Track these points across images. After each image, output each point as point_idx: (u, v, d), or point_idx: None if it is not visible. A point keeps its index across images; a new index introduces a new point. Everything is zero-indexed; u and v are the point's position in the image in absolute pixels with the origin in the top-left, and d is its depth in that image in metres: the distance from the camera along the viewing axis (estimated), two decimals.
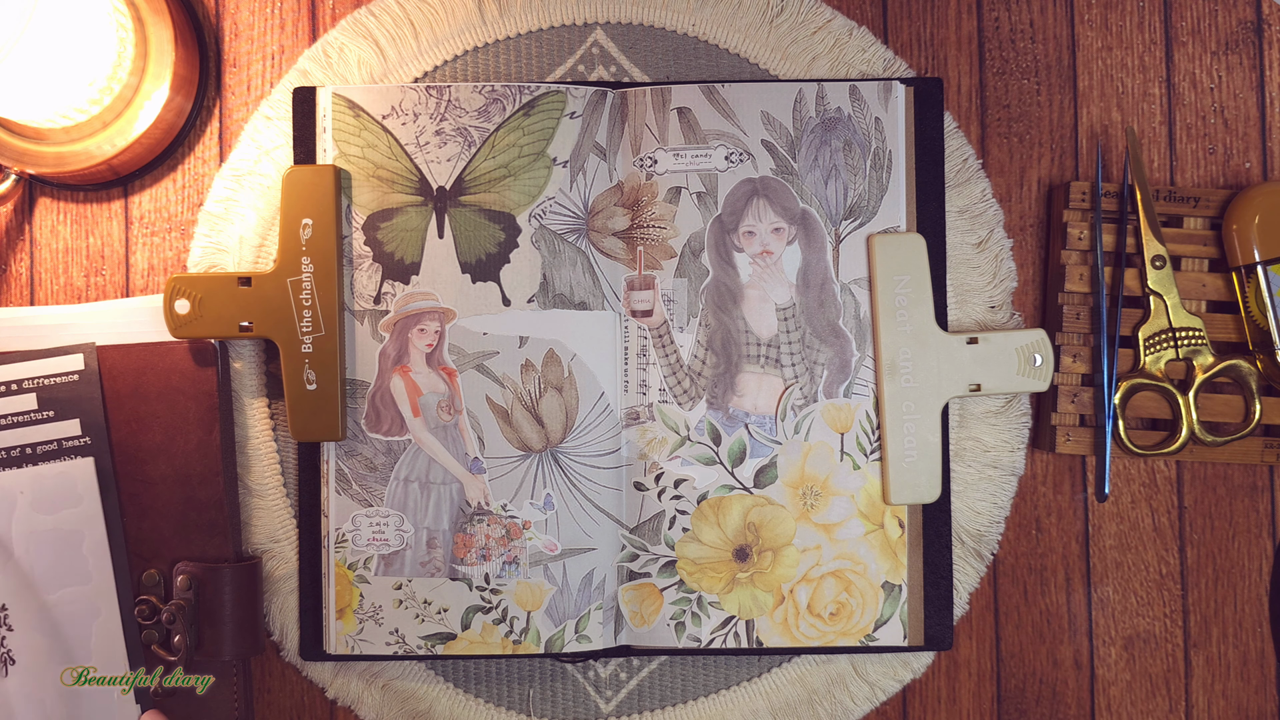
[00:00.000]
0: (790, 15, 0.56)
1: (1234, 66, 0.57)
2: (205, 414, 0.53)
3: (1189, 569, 0.56)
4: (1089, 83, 0.57)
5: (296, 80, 0.55)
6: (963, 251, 0.55)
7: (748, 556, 0.54)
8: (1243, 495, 0.56)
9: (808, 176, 0.54)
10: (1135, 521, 0.56)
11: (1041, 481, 0.56)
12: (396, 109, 0.54)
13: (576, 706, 0.55)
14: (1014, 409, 0.55)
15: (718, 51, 0.56)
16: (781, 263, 0.54)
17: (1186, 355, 0.54)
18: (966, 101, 0.56)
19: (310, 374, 0.52)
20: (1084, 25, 0.57)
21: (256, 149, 0.55)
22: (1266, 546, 0.56)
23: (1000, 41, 0.57)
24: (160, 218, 0.56)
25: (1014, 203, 0.56)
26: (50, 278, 0.56)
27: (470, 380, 0.53)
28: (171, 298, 0.52)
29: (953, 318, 0.55)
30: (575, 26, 0.56)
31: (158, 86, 0.53)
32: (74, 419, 0.52)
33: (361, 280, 0.53)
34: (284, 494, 0.55)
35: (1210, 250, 0.54)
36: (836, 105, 0.54)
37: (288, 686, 0.55)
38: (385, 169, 0.54)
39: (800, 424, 0.54)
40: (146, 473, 0.52)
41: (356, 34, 0.55)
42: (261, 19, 0.56)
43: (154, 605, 0.52)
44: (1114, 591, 0.56)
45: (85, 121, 0.53)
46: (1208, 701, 0.56)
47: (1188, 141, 0.57)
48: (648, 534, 0.54)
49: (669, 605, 0.53)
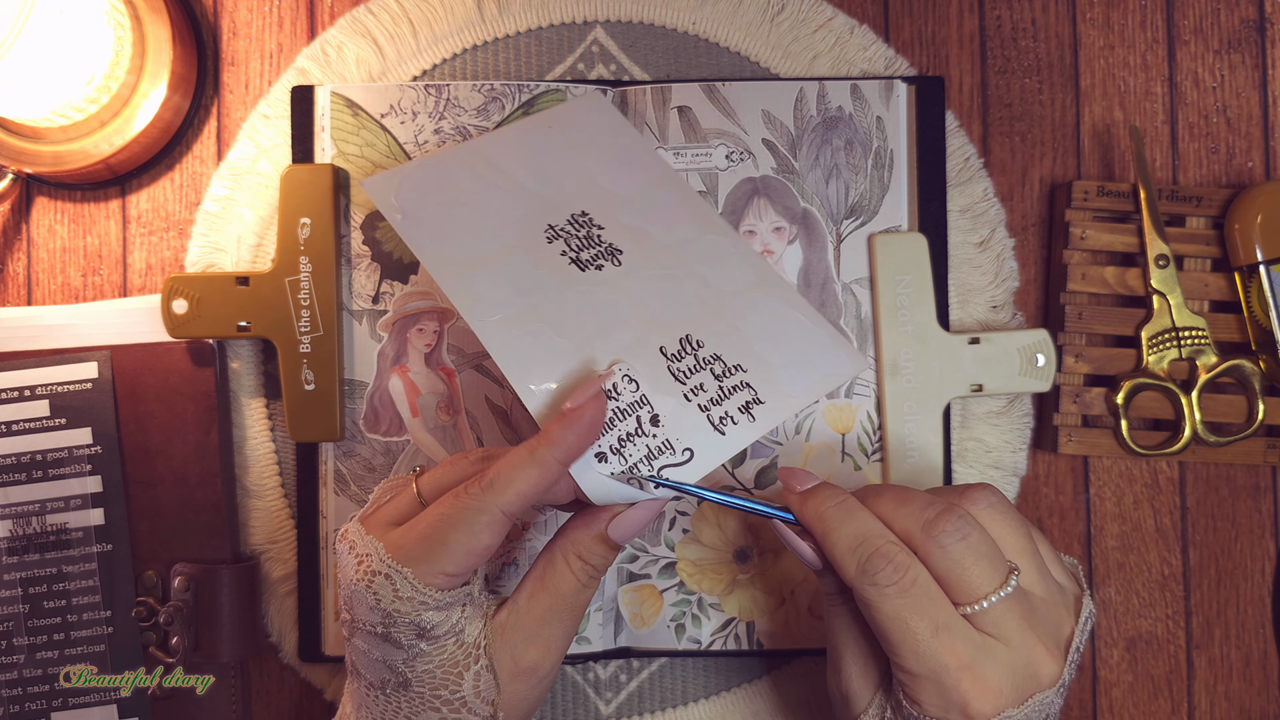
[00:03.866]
0: (791, 13, 0.55)
1: (1236, 65, 0.56)
2: (203, 414, 0.52)
3: (1191, 570, 0.56)
4: (1091, 81, 0.56)
5: (295, 79, 0.55)
6: (965, 251, 0.55)
7: (748, 558, 0.53)
8: (1246, 496, 0.56)
9: (809, 176, 0.54)
10: (1138, 522, 0.56)
11: (1044, 482, 0.56)
12: (395, 107, 0.53)
13: (576, 708, 0.54)
14: (1016, 409, 0.55)
15: (718, 50, 0.56)
16: (782, 262, 0.53)
17: (1190, 355, 0.53)
18: (968, 100, 0.56)
19: (308, 374, 0.52)
20: (1086, 24, 0.57)
21: (254, 148, 0.55)
22: (1269, 548, 0.56)
23: (1002, 40, 0.56)
24: (158, 217, 0.56)
25: (1016, 202, 0.56)
26: (48, 277, 0.56)
27: (469, 380, 0.53)
28: (169, 298, 0.52)
29: (954, 317, 0.55)
30: (575, 25, 0.56)
31: (155, 85, 0.53)
32: (86, 427, 0.52)
33: (360, 280, 0.53)
34: (282, 495, 0.55)
35: (1213, 250, 0.54)
36: (838, 104, 0.54)
37: (286, 688, 0.55)
38: (384, 168, 0.53)
39: (801, 424, 0.53)
40: (144, 474, 0.52)
41: (355, 32, 0.55)
42: (260, 17, 0.56)
43: (152, 607, 0.51)
44: (1116, 593, 0.56)
45: (82, 120, 0.52)
46: (1210, 703, 0.55)
47: (1190, 141, 0.56)
48: (647, 535, 0.53)
49: (669, 607, 0.53)
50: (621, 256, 0.46)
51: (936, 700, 0.39)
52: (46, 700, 0.51)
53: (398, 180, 0.46)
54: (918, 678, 0.39)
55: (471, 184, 0.47)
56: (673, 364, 0.44)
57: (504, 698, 0.41)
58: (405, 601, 0.39)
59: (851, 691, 0.43)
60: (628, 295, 0.45)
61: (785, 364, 0.45)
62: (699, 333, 0.45)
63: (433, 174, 0.47)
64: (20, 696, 0.51)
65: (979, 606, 0.39)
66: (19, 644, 0.51)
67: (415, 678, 0.40)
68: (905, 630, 0.39)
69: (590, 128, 0.50)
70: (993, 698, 0.39)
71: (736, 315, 0.46)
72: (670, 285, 0.46)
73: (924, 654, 0.39)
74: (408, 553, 0.39)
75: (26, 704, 0.51)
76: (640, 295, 0.45)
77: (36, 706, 0.51)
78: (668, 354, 0.44)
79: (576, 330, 0.43)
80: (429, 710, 0.41)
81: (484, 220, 0.45)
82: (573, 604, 0.42)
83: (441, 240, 0.44)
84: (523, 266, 0.44)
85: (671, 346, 0.44)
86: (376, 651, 0.41)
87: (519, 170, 0.48)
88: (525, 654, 0.41)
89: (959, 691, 0.39)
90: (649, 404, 0.42)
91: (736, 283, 0.47)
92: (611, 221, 0.47)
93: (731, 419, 0.43)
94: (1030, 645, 0.39)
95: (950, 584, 0.39)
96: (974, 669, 0.39)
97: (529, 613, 0.42)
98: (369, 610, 0.40)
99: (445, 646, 0.40)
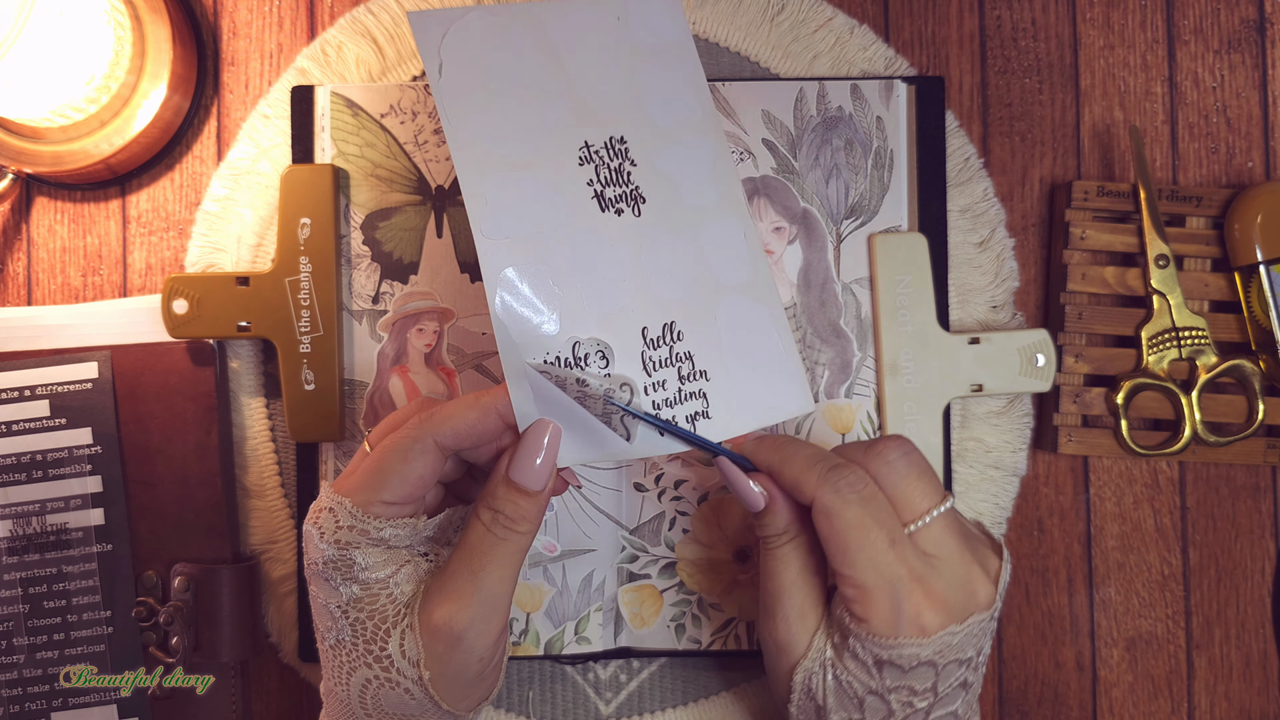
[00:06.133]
0: (791, 13, 0.55)
1: (1236, 65, 0.56)
2: (203, 414, 0.52)
3: (1191, 570, 0.56)
4: (1091, 81, 0.56)
5: (295, 79, 0.55)
6: (965, 251, 0.55)
7: (748, 558, 0.53)
8: (1245, 496, 0.56)
9: (809, 175, 0.54)
10: (1138, 522, 0.56)
11: (1044, 482, 0.56)
12: (395, 107, 0.53)
13: (576, 708, 0.54)
14: (1016, 409, 0.55)
15: (718, 50, 0.55)
16: (782, 262, 0.53)
17: (1189, 355, 0.53)
18: (968, 100, 0.56)
19: (308, 374, 0.52)
20: (1086, 24, 0.57)
21: (254, 148, 0.55)
22: (1269, 547, 0.56)
23: (1002, 40, 0.56)
24: (158, 217, 0.56)
25: (1016, 202, 0.56)
26: (48, 277, 0.56)
27: (469, 381, 0.53)
28: (169, 298, 0.52)
29: (954, 317, 0.55)
30: None
31: (155, 85, 0.53)
32: (86, 427, 0.52)
33: (360, 280, 0.53)
34: (282, 495, 0.54)
35: (1213, 250, 0.54)
36: (838, 104, 0.54)
37: (286, 688, 0.55)
38: (384, 168, 0.53)
39: (801, 424, 0.53)
40: (144, 474, 0.52)
41: (355, 32, 0.55)
42: (260, 17, 0.56)
43: (152, 607, 0.51)
44: (1116, 593, 0.56)
45: (82, 120, 0.52)
46: (1210, 703, 0.55)
47: (1190, 141, 0.56)
48: (647, 535, 0.53)
49: (669, 607, 0.53)
50: (643, 206, 0.44)
51: (887, 613, 0.40)
52: (46, 700, 0.51)
53: (451, 23, 0.43)
54: (869, 591, 0.40)
55: (525, 60, 0.44)
56: (648, 350, 0.43)
57: (427, 658, 0.41)
58: (346, 531, 0.41)
59: (789, 637, 0.43)
60: (634, 254, 0.44)
61: (745, 385, 0.45)
62: (683, 322, 0.44)
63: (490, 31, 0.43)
64: (20, 696, 0.51)
65: (922, 523, 0.41)
66: (19, 644, 0.51)
67: (350, 626, 0.41)
68: (865, 538, 0.40)
69: (657, 33, 0.47)
70: (940, 612, 0.40)
71: (722, 315, 0.45)
72: (675, 256, 0.45)
73: (881, 563, 0.40)
74: (350, 486, 0.41)
75: (26, 704, 0.51)
76: (646, 259, 0.44)
77: (36, 706, 0.51)
78: (647, 338, 0.43)
79: (574, 281, 0.42)
80: (364, 666, 0.41)
81: (524, 111, 0.43)
82: (483, 556, 0.41)
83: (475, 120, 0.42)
84: (545, 185, 0.43)
85: (654, 330, 0.44)
86: (322, 595, 0.42)
87: (574, 62, 0.44)
88: (436, 609, 0.41)
89: (912, 602, 0.40)
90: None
91: (735, 276, 0.46)
92: (645, 159, 0.45)
93: (675, 424, 0.43)
94: (968, 564, 0.41)
95: (895, 501, 0.41)
96: (924, 582, 0.40)
97: (445, 569, 0.42)
98: (315, 547, 0.41)
99: (378, 597, 0.41)
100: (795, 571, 0.43)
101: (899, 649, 0.40)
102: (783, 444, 0.43)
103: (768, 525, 0.43)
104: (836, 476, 0.41)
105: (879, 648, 0.40)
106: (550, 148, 0.43)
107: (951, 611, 0.40)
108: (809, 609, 0.43)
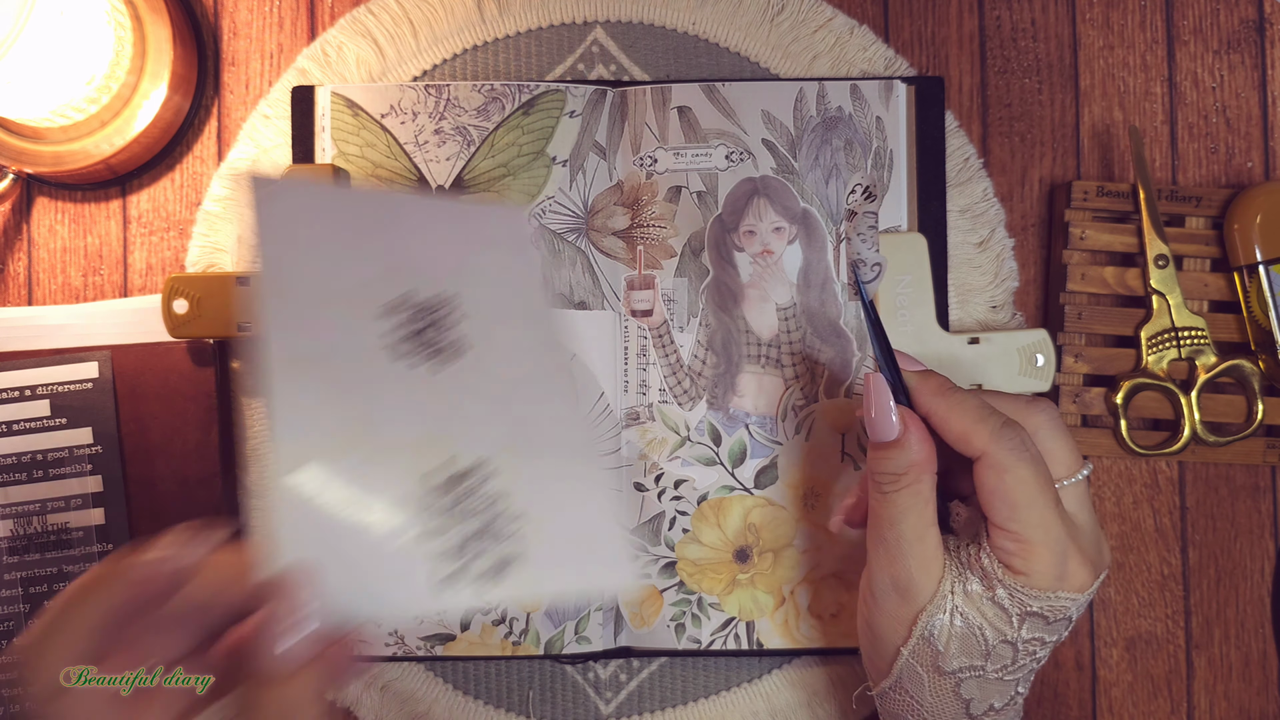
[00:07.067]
0: (791, 14, 0.55)
1: (1236, 65, 0.57)
2: (204, 414, 0.52)
3: (1191, 570, 0.56)
4: (1091, 82, 0.56)
5: (295, 79, 0.55)
6: (964, 251, 0.55)
7: (748, 558, 0.53)
8: (1245, 496, 0.56)
9: (809, 176, 0.54)
10: (1137, 522, 0.56)
11: None
12: (395, 108, 0.53)
13: (576, 708, 0.55)
14: None
15: (718, 50, 0.56)
16: (782, 262, 0.54)
17: (1189, 355, 0.53)
18: (968, 100, 0.56)
19: None
20: (1086, 24, 0.57)
21: (255, 148, 0.55)
22: (1269, 547, 0.56)
23: (1002, 40, 0.56)
24: (158, 217, 0.56)
25: (1015, 202, 0.56)
26: (48, 277, 0.56)
27: None
28: (170, 298, 0.52)
29: (954, 317, 0.55)
30: (575, 25, 0.56)
31: (156, 85, 0.53)
32: (86, 427, 0.52)
33: None
34: None
35: (1212, 250, 0.54)
36: (837, 104, 0.54)
37: None
38: (384, 168, 0.53)
39: (801, 424, 0.53)
40: (145, 474, 0.52)
41: (355, 33, 0.55)
42: (260, 18, 0.56)
43: None
44: (1115, 592, 0.56)
45: (83, 120, 0.52)
46: (1210, 703, 0.55)
47: (1189, 141, 0.56)
48: (648, 535, 0.53)
49: (669, 607, 0.53)
50: (457, 363, 0.40)
51: (1050, 568, 0.41)
52: None
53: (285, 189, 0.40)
54: (1033, 546, 0.41)
55: (359, 215, 0.41)
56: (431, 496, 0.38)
57: None
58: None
59: (913, 584, 0.42)
60: (438, 404, 0.39)
61: (564, 546, 0.39)
62: (497, 459, 0.39)
63: (332, 202, 0.41)
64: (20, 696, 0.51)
65: (1066, 483, 0.43)
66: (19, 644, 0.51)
67: None
68: (1037, 496, 0.41)
69: (500, 241, 0.44)
70: (1088, 571, 0.42)
71: (541, 470, 0.40)
72: (488, 411, 0.40)
73: (1049, 522, 0.41)
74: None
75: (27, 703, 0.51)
76: (452, 410, 0.39)
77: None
78: (441, 479, 0.38)
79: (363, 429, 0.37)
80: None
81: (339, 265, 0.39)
82: None
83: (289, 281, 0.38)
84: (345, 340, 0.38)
85: (455, 469, 0.38)
86: None
87: (403, 235, 0.42)
88: None
89: (1076, 560, 0.41)
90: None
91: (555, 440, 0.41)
92: (467, 322, 0.41)
93: (467, 574, 0.37)
94: (1097, 528, 0.43)
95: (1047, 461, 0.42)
96: (1077, 541, 0.42)
97: None
98: None
99: None
100: (917, 517, 0.42)
101: (1056, 601, 0.41)
102: (950, 390, 0.43)
103: (887, 460, 0.42)
104: (1010, 433, 0.41)
105: (1034, 599, 0.41)
106: (361, 298, 0.39)
107: (1092, 571, 0.42)
108: (933, 556, 0.42)
